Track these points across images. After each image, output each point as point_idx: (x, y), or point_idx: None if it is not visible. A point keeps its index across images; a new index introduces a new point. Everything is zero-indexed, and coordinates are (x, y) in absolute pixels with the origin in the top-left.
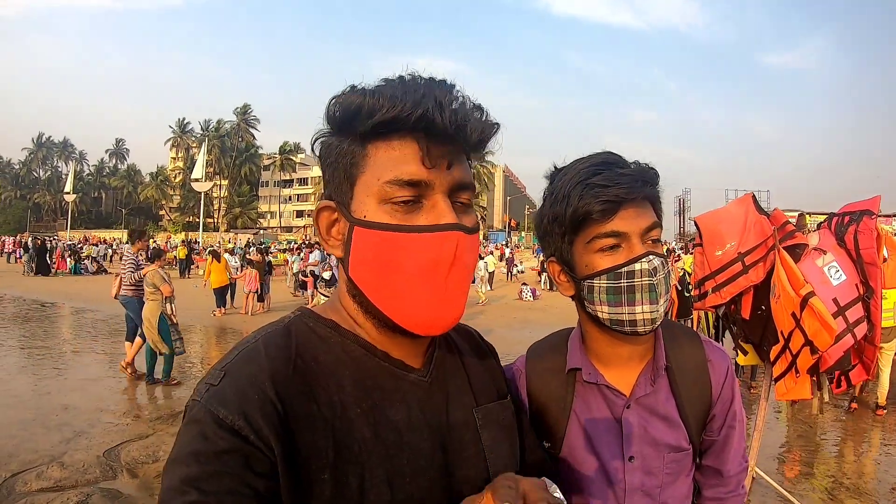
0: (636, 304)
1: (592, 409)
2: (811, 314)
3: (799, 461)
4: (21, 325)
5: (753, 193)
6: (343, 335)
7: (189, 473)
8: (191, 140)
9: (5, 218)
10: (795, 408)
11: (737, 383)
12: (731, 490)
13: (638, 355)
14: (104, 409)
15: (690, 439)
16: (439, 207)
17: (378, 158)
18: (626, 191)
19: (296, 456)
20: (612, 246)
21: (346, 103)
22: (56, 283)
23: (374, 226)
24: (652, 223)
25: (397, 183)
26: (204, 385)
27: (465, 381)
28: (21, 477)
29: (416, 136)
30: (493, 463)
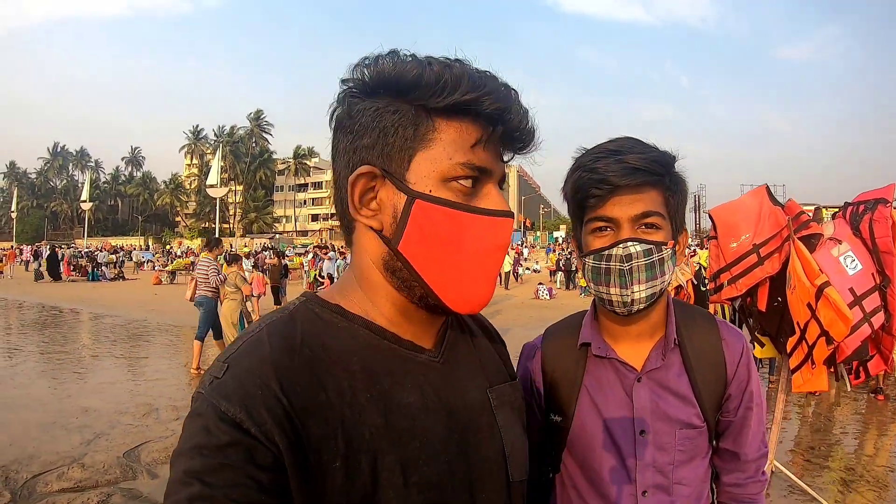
0: (610, 285)
1: (603, 383)
2: (826, 304)
3: (817, 454)
4: (41, 331)
5: (767, 185)
6: (351, 319)
7: (192, 466)
8: (205, 146)
9: (23, 227)
10: (815, 400)
11: (753, 364)
12: (750, 476)
13: (648, 332)
14: (123, 411)
15: (704, 417)
16: (493, 195)
17: (449, 136)
18: (617, 179)
19: (304, 447)
20: (602, 228)
21: (404, 69)
22: (74, 289)
23: (442, 202)
24: (646, 210)
25: (468, 165)
26: (208, 377)
27: (477, 362)
28: (42, 478)
29: (484, 124)
30: (508, 442)
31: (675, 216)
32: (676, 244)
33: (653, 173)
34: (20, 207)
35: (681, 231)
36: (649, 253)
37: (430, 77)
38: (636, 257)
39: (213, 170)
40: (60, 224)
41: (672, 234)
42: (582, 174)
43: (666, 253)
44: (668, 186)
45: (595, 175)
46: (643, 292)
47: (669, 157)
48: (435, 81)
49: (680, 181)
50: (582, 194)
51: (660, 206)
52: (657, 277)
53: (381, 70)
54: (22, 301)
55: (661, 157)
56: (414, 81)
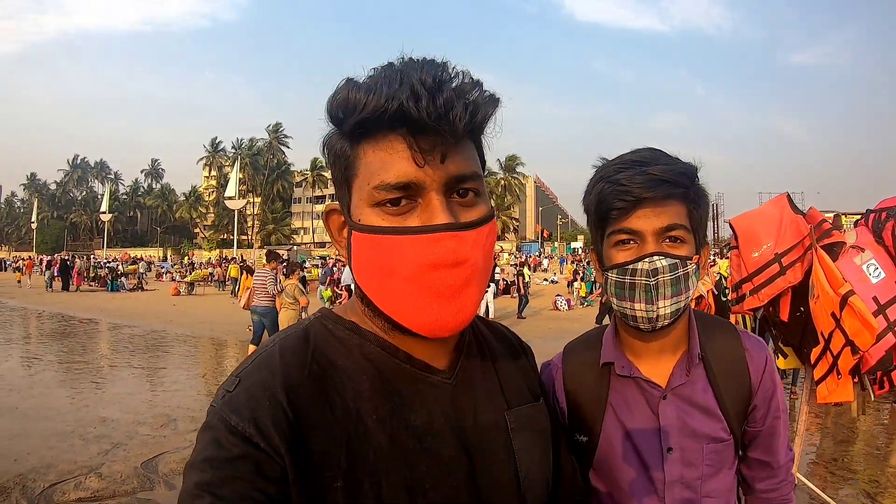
0: (635, 300)
1: (629, 401)
2: (851, 313)
3: (840, 465)
4: (59, 341)
5: (788, 193)
6: (363, 336)
7: (203, 478)
8: (223, 159)
9: (43, 237)
10: (837, 411)
11: (777, 373)
12: (781, 479)
13: (670, 347)
14: (141, 421)
15: (731, 430)
16: (432, 206)
17: (367, 160)
18: (642, 191)
19: (307, 463)
20: (625, 241)
21: (336, 99)
22: (93, 299)
23: (367, 229)
24: (671, 223)
25: (384, 187)
26: (221, 391)
27: (495, 383)
28: (59, 487)
29: (400, 133)
30: (523, 467)
31: (698, 230)
32: (700, 259)
33: (677, 185)
34: (40, 218)
35: (703, 245)
36: (675, 268)
37: (344, 101)
38: (662, 272)
39: (232, 182)
40: (80, 235)
41: (696, 248)
42: (605, 185)
43: (691, 268)
44: (692, 199)
45: (619, 187)
46: (668, 308)
47: (693, 169)
48: (346, 105)
49: (703, 194)
50: (605, 206)
51: (684, 220)
52: (682, 293)
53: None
54: (41, 311)
55: (686, 169)
56: (341, 109)
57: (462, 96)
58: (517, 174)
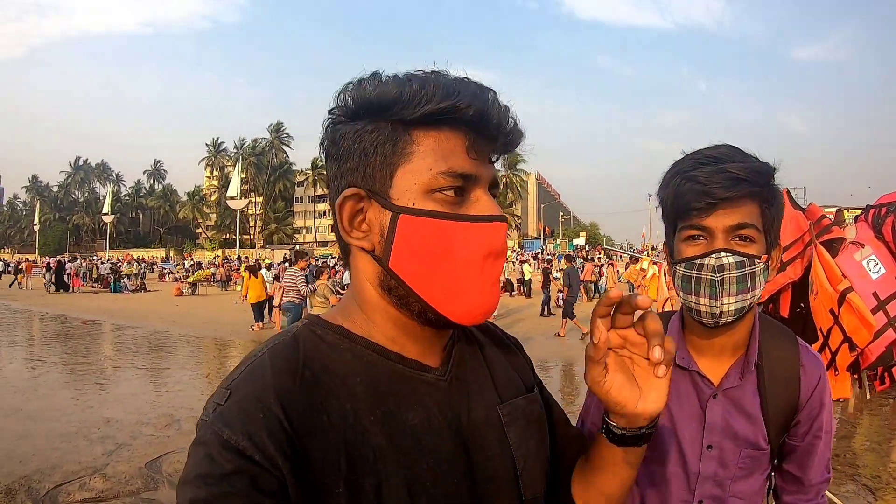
0: (700, 295)
1: (681, 393)
2: (849, 310)
3: (842, 461)
4: (63, 343)
5: (788, 189)
6: (353, 340)
7: (198, 496)
8: (225, 159)
9: (45, 240)
10: (838, 408)
11: (828, 393)
12: (810, 499)
13: (731, 348)
14: (146, 422)
15: (769, 439)
16: (484, 200)
17: (427, 147)
18: (720, 191)
19: (307, 471)
20: (696, 236)
21: (384, 89)
22: (97, 300)
23: (426, 213)
24: (742, 222)
25: (450, 174)
26: (212, 404)
27: (487, 378)
28: (64, 488)
29: (464, 130)
30: (520, 460)
31: (770, 230)
32: (770, 259)
33: (753, 184)
34: (43, 220)
35: (775, 246)
36: (742, 265)
37: (407, 92)
38: (728, 269)
39: (233, 182)
40: (83, 237)
41: (766, 248)
42: (682, 181)
43: (759, 267)
44: (765, 199)
45: (696, 185)
46: (733, 305)
47: (770, 169)
48: (411, 95)
49: (777, 194)
50: (681, 203)
51: (756, 219)
52: (748, 291)
53: (362, 93)
54: (45, 312)
55: (763, 168)
56: (392, 99)
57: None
58: (519, 171)
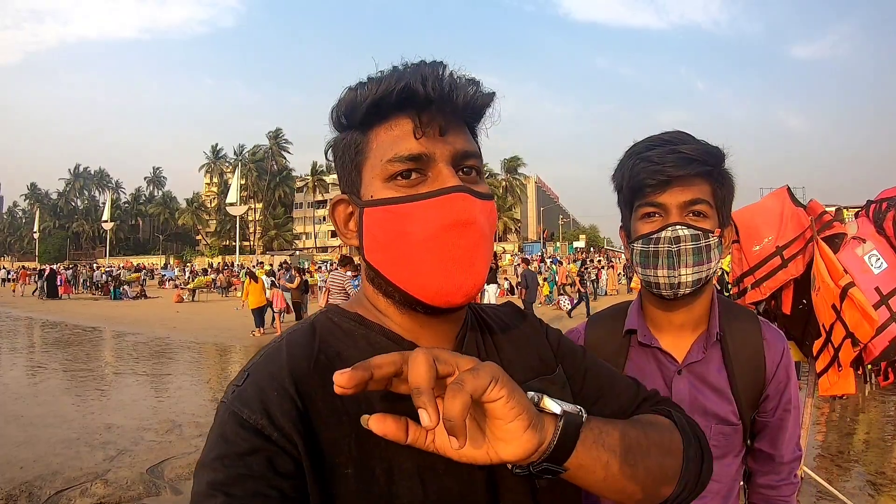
0: (658, 267)
1: (644, 371)
2: (851, 305)
3: (846, 458)
4: (64, 349)
5: (788, 186)
6: (368, 327)
7: (216, 478)
8: (224, 165)
9: (45, 247)
10: (842, 403)
11: (793, 368)
12: (783, 478)
13: (691, 324)
14: (147, 427)
15: (740, 415)
16: (443, 175)
17: (379, 141)
18: (673, 169)
19: (319, 451)
20: (651, 214)
21: (344, 101)
22: (97, 307)
23: (380, 202)
24: (695, 198)
25: (398, 159)
26: (231, 386)
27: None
28: (66, 494)
29: (409, 113)
30: None
31: (721, 207)
32: (722, 235)
33: (705, 164)
34: (42, 228)
35: (727, 224)
36: (696, 238)
37: (353, 97)
38: (684, 241)
39: (233, 188)
40: (82, 244)
41: (718, 224)
42: (636, 162)
43: (713, 240)
44: (716, 178)
45: (650, 164)
46: (690, 276)
47: (720, 152)
48: (355, 99)
49: (728, 176)
50: (636, 182)
51: (708, 196)
52: (704, 263)
53: (338, 105)
54: (44, 319)
55: (714, 150)
56: (351, 106)
57: (465, 81)
58: (518, 175)
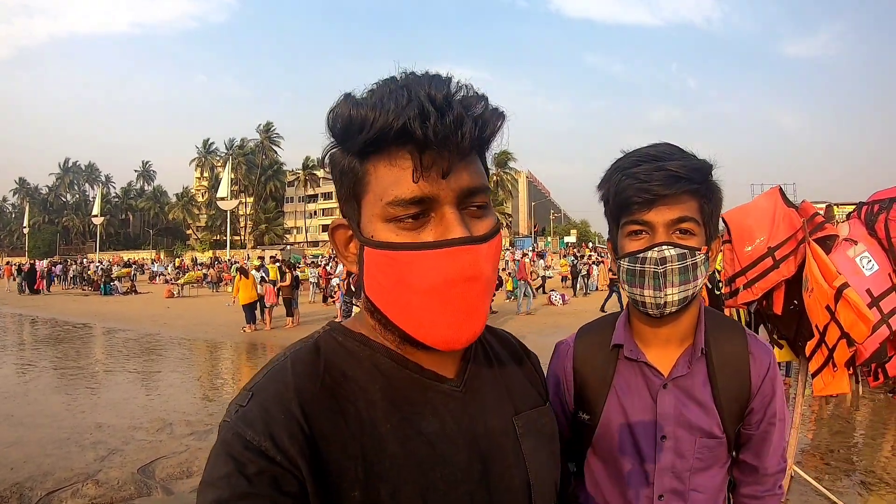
0: (644, 287)
1: (631, 385)
2: (846, 306)
3: (837, 457)
4: (54, 346)
5: (781, 186)
6: (373, 348)
7: (220, 496)
8: (215, 159)
9: (35, 242)
10: (833, 402)
11: (780, 381)
12: (767, 489)
13: (678, 338)
14: (137, 426)
15: (724, 428)
16: (447, 220)
17: (377, 177)
18: (661, 188)
19: (324, 475)
20: (638, 231)
21: (339, 116)
22: (87, 303)
23: (381, 245)
24: (682, 216)
25: (399, 203)
26: (234, 406)
27: (503, 390)
28: (57, 495)
29: (409, 150)
30: (533, 472)
31: (709, 223)
32: (709, 250)
33: (692, 181)
34: (32, 223)
35: (714, 238)
36: (683, 257)
37: (349, 118)
38: (670, 261)
39: (224, 182)
40: (73, 239)
41: (705, 240)
42: (622, 179)
43: (699, 258)
44: (703, 194)
45: (636, 182)
46: (676, 295)
47: (708, 166)
48: (352, 122)
49: (716, 189)
50: (622, 199)
51: (695, 213)
52: (690, 281)
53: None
54: (34, 315)
55: (701, 166)
56: (346, 127)
57: (470, 112)
58: (509, 170)
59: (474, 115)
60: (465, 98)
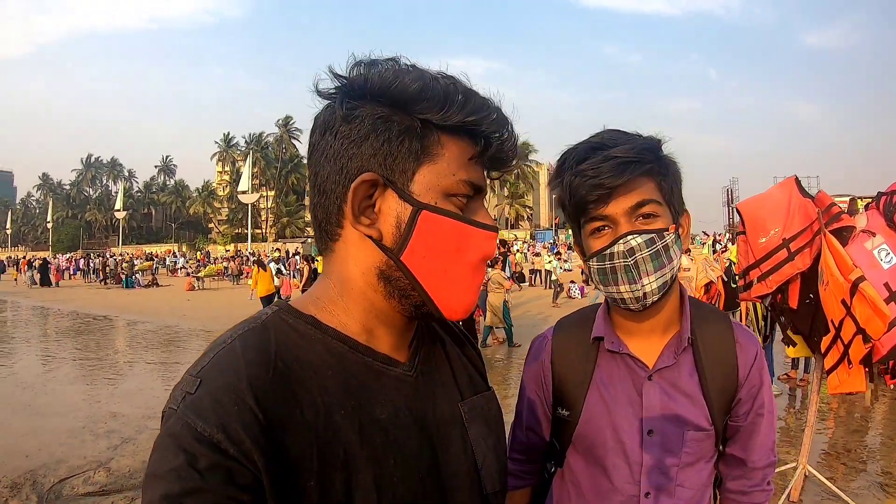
0: (618, 283)
1: (614, 378)
2: (862, 300)
3: (853, 457)
4: (74, 338)
5: (796, 176)
6: (324, 331)
7: (171, 490)
8: (236, 153)
9: (59, 237)
10: (849, 399)
11: (767, 371)
12: (756, 484)
13: (661, 328)
14: (152, 416)
15: (712, 420)
16: (483, 210)
17: (453, 153)
18: (611, 178)
19: (280, 466)
20: (600, 228)
21: (407, 81)
22: (109, 296)
23: (448, 214)
24: (640, 200)
25: (469, 182)
26: (180, 392)
27: (449, 374)
28: (69, 482)
29: (483, 145)
30: (480, 456)
31: (671, 200)
32: (679, 227)
33: (643, 163)
34: (56, 218)
35: (681, 213)
36: (651, 242)
37: (436, 92)
38: (639, 250)
39: (244, 176)
40: (95, 233)
41: (672, 218)
42: (572, 177)
43: (669, 238)
44: (658, 172)
45: (586, 179)
46: (654, 283)
47: (656, 143)
48: (442, 98)
49: (670, 164)
50: (577, 198)
51: (654, 194)
52: (665, 265)
53: (383, 76)
54: (57, 308)
55: (649, 145)
56: (418, 94)
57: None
58: (530, 162)
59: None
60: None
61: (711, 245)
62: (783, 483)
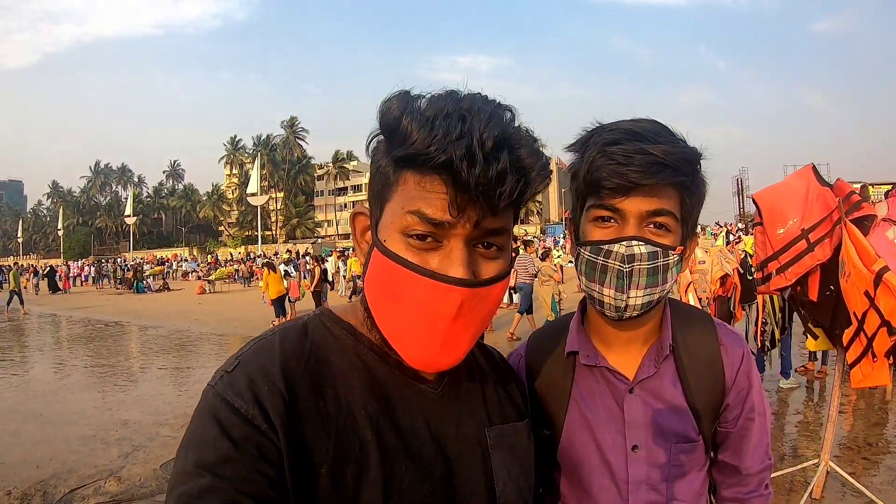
0: (605, 285)
1: (594, 394)
2: (886, 291)
3: (876, 450)
4: (86, 345)
5: (814, 164)
6: (358, 339)
7: (204, 458)
8: (244, 156)
9: (70, 244)
10: (871, 391)
11: (755, 371)
12: (751, 490)
13: (641, 337)
14: (163, 423)
15: (700, 430)
16: (453, 255)
17: (407, 187)
18: (639, 175)
19: (299, 449)
20: (606, 218)
21: (389, 117)
22: (120, 301)
23: (389, 254)
24: (658, 209)
25: (419, 215)
26: (220, 372)
27: (479, 399)
28: (79, 492)
29: (445, 179)
30: (500, 484)
31: (688, 220)
32: (685, 250)
33: (677, 172)
34: (66, 225)
35: (691, 238)
36: (654, 256)
37: (397, 124)
38: (639, 259)
39: (253, 179)
40: (106, 239)
41: (681, 239)
42: (598, 155)
43: (672, 259)
44: (688, 188)
45: (612, 163)
46: (640, 299)
47: (697, 156)
48: (398, 129)
49: (701, 185)
50: (594, 179)
51: (675, 207)
52: (658, 285)
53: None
54: (69, 315)
55: (689, 155)
56: (389, 129)
57: (516, 169)
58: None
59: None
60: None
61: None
62: (804, 479)
